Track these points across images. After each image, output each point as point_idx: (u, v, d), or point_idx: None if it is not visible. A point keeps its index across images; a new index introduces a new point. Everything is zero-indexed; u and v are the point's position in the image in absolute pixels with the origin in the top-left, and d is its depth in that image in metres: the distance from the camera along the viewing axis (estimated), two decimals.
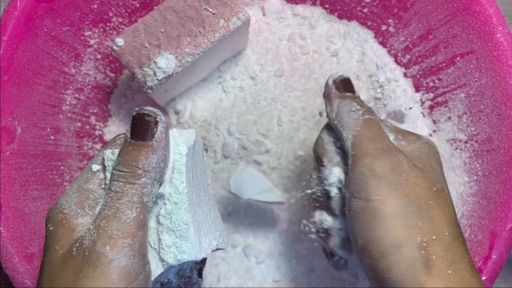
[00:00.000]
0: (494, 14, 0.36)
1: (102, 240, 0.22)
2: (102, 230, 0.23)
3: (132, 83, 0.45)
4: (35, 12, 0.36)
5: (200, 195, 0.28)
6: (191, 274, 0.28)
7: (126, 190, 0.23)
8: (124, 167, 0.24)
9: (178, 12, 0.35)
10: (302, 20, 0.44)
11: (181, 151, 0.26)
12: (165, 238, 0.25)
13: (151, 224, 0.25)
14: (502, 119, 0.37)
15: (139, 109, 0.24)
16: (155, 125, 0.24)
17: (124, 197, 0.23)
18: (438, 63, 0.41)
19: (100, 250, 0.22)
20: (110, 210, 0.23)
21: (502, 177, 0.37)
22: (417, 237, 0.25)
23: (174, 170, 0.25)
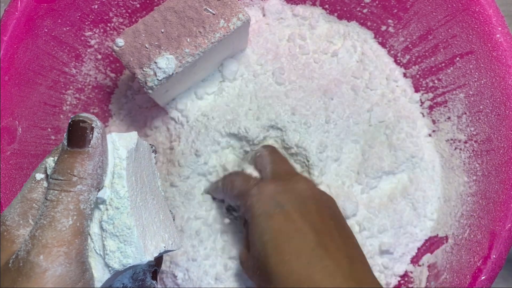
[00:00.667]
0: (494, 14, 0.36)
1: (36, 250, 0.22)
2: (36, 239, 0.22)
3: (132, 83, 0.45)
4: (35, 13, 0.36)
5: (146, 198, 0.28)
6: (144, 277, 0.29)
7: (62, 198, 0.23)
8: (59, 175, 0.23)
9: (178, 13, 0.35)
10: (302, 20, 0.44)
11: (121, 155, 0.26)
12: (109, 244, 0.25)
13: (95, 230, 0.25)
14: (502, 119, 0.37)
15: (74, 116, 0.24)
16: (91, 131, 0.24)
17: (59, 205, 0.23)
18: (437, 63, 0.41)
19: (34, 260, 0.22)
20: (46, 219, 0.23)
21: (502, 177, 0.37)
22: None
23: (115, 174, 0.25)
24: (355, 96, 0.43)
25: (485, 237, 0.36)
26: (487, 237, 0.36)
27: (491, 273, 0.35)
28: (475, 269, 0.36)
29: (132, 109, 0.45)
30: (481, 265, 0.36)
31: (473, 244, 0.37)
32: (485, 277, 0.35)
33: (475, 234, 0.37)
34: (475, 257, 0.36)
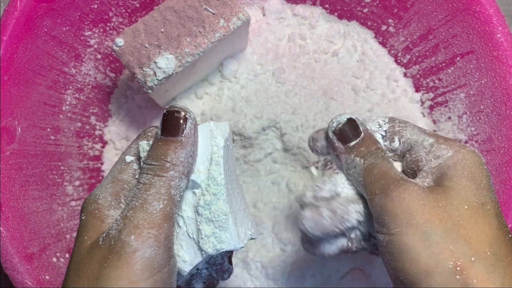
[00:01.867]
0: (494, 14, 0.36)
1: (127, 230, 0.23)
2: (128, 220, 0.23)
3: (132, 83, 0.45)
4: (35, 12, 0.36)
5: (233, 186, 0.28)
6: (222, 261, 0.29)
7: (154, 182, 0.24)
8: (153, 160, 0.24)
9: (178, 12, 0.35)
10: (302, 20, 0.44)
11: (218, 143, 0.26)
12: (204, 228, 0.25)
13: (189, 214, 0.26)
14: (502, 119, 0.37)
15: (169, 107, 0.25)
16: (185, 121, 0.25)
17: (151, 188, 0.24)
18: (438, 63, 0.41)
19: (125, 239, 0.23)
20: (138, 201, 0.24)
21: (502, 177, 0.37)
22: (449, 262, 0.23)
23: (212, 162, 0.26)
24: (356, 96, 0.43)
25: None
26: None
27: None
28: None
29: (132, 109, 0.45)
30: None
31: None
32: None
33: None
34: None
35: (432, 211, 0.24)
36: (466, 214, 0.24)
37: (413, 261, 0.24)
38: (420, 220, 0.24)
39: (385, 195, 0.25)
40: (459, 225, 0.24)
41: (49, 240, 0.38)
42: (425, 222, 0.24)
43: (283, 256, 0.42)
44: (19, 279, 0.35)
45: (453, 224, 0.24)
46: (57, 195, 0.40)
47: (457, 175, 0.26)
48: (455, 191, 0.25)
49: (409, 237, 0.24)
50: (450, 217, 0.24)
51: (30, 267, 0.35)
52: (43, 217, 0.38)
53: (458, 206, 0.25)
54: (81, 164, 0.43)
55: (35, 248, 0.37)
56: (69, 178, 0.42)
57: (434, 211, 0.24)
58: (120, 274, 0.22)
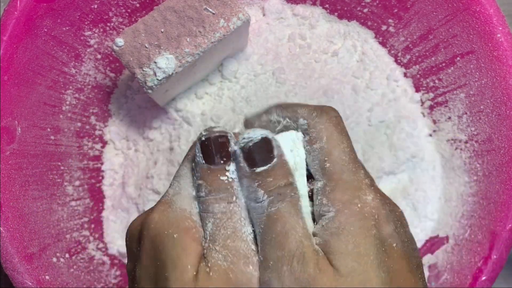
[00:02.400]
0: (494, 14, 0.36)
1: (242, 261, 0.21)
2: (234, 250, 0.22)
3: (132, 83, 0.45)
4: (35, 12, 0.36)
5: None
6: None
7: (232, 209, 0.23)
8: (219, 193, 0.23)
9: (178, 12, 0.35)
10: (302, 20, 0.44)
11: (301, 154, 0.25)
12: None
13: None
14: (502, 119, 0.37)
15: (207, 133, 0.23)
16: (228, 144, 0.23)
17: (234, 216, 0.22)
18: (438, 63, 0.41)
19: (245, 270, 0.21)
20: (228, 230, 0.22)
21: (502, 177, 0.37)
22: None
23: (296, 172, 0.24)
24: (356, 96, 0.43)
25: (486, 237, 0.36)
26: (487, 238, 0.36)
27: (491, 274, 0.35)
28: (476, 270, 0.36)
29: (132, 109, 0.45)
30: (482, 266, 0.36)
31: (473, 245, 0.37)
32: (485, 277, 0.35)
33: (475, 235, 0.37)
34: (475, 258, 0.36)
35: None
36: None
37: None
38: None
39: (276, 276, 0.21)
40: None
41: (49, 240, 0.38)
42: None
43: None
44: (19, 279, 0.35)
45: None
46: (57, 195, 0.40)
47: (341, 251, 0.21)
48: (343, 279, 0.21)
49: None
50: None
51: (30, 267, 0.35)
52: (43, 217, 0.38)
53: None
54: (81, 164, 0.43)
55: (35, 248, 0.37)
56: (69, 178, 0.42)
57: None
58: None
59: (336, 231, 0.22)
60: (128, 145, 0.45)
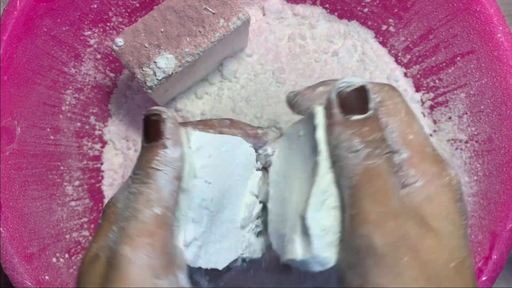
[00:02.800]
0: (495, 14, 0.36)
1: (122, 240, 0.22)
2: (122, 230, 0.22)
3: (132, 83, 0.45)
4: (34, 12, 0.36)
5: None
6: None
7: (142, 190, 0.23)
8: (138, 169, 0.23)
9: (178, 12, 0.35)
10: (302, 20, 0.44)
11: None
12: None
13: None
14: (503, 119, 0.37)
15: (146, 111, 0.24)
16: (163, 123, 0.24)
17: (140, 196, 0.23)
18: (438, 63, 0.41)
19: (120, 252, 0.22)
20: (129, 211, 0.23)
21: (503, 177, 0.37)
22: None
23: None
24: None
25: (486, 237, 0.36)
26: (488, 238, 0.36)
27: (492, 274, 0.35)
28: (476, 270, 0.36)
29: (132, 109, 0.45)
30: (482, 266, 0.36)
31: (474, 245, 0.37)
32: (486, 277, 0.35)
33: (476, 235, 0.37)
34: (476, 258, 0.36)
35: (422, 267, 0.20)
36: (450, 275, 0.21)
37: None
38: (408, 278, 0.20)
39: (380, 231, 0.20)
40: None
41: (49, 240, 0.38)
42: (412, 281, 0.20)
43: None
44: (18, 279, 0.35)
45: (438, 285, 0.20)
46: (56, 195, 0.40)
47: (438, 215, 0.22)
48: (445, 240, 0.21)
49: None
50: (438, 278, 0.20)
51: (30, 267, 0.35)
52: (43, 217, 0.38)
53: (447, 262, 0.21)
54: (81, 164, 0.43)
55: (34, 248, 0.36)
56: (68, 178, 0.42)
57: (424, 268, 0.20)
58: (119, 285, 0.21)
59: (428, 198, 0.22)
60: (128, 145, 0.45)
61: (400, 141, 0.23)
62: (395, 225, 0.20)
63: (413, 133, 0.23)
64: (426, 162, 0.23)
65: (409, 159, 0.23)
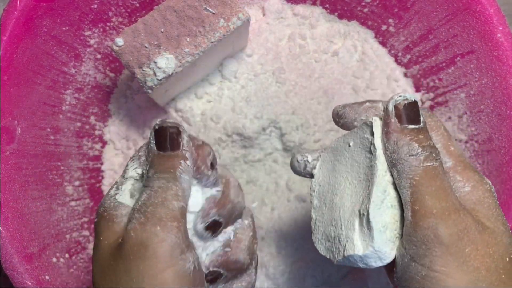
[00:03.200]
0: (495, 14, 0.36)
1: (152, 222, 0.24)
2: (150, 214, 0.24)
3: (132, 83, 0.45)
4: (35, 12, 0.36)
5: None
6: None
7: (171, 186, 0.26)
8: (163, 173, 0.26)
9: (178, 12, 0.35)
10: (302, 20, 0.44)
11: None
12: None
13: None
14: (503, 119, 0.37)
15: (160, 122, 0.27)
16: (179, 136, 0.27)
17: (169, 190, 0.25)
18: (438, 63, 0.41)
19: (151, 230, 0.24)
20: (157, 199, 0.25)
21: (503, 177, 0.37)
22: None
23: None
24: (356, 96, 0.43)
25: None
26: None
27: None
28: None
29: (132, 109, 0.45)
30: None
31: None
32: None
33: None
34: None
35: (482, 259, 0.23)
36: (507, 267, 0.23)
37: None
38: (471, 267, 0.22)
39: (444, 223, 0.23)
40: (501, 280, 0.23)
41: (49, 240, 0.38)
42: (474, 270, 0.23)
43: (283, 255, 0.42)
44: (19, 279, 0.35)
45: (497, 279, 0.23)
46: (57, 195, 0.40)
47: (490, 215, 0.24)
48: (500, 237, 0.24)
49: (453, 282, 0.22)
50: (496, 269, 0.23)
51: (30, 267, 0.35)
52: (43, 217, 0.38)
53: (503, 256, 0.23)
54: (81, 164, 0.43)
55: (35, 248, 0.36)
56: (68, 178, 0.42)
57: (484, 260, 0.23)
58: (150, 263, 0.24)
59: (479, 201, 0.25)
60: (128, 145, 0.45)
61: (444, 152, 0.26)
62: (457, 218, 0.23)
63: (453, 145, 0.26)
64: (469, 170, 0.26)
65: (454, 167, 0.26)
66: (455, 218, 0.23)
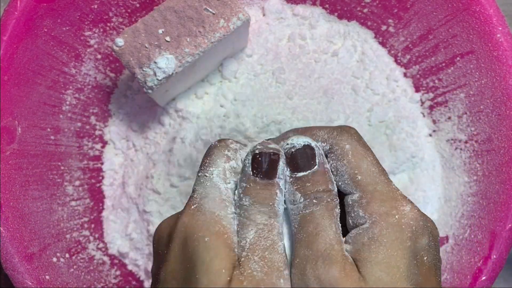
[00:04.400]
0: (494, 14, 0.36)
1: (275, 274, 0.22)
2: (269, 262, 0.22)
3: (132, 83, 0.45)
4: (35, 12, 0.36)
5: None
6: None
7: (273, 223, 0.23)
8: (261, 206, 0.24)
9: (178, 12, 0.35)
10: (302, 20, 0.44)
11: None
12: None
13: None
14: (502, 119, 0.37)
15: (262, 147, 0.24)
16: (278, 162, 0.24)
17: (274, 229, 0.23)
18: (438, 63, 0.41)
19: (276, 283, 0.21)
20: (267, 242, 0.23)
21: (502, 177, 0.37)
22: None
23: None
24: (356, 96, 0.43)
25: (486, 237, 0.36)
26: (487, 237, 0.36)
27: (491, 273, 0.35)
28: (476, 270, 0.36)
29: (132, 109, 0.45)
30: (482, 266, 0.36)
31: (473, 245, 0.37)
32: (485, 277, 0.35)
33: (475, 234, 0.37)
34: (475, 257, 0.36)
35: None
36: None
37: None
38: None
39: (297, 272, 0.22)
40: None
41: (49, 240, 0.38)
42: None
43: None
44: (19, 279, 0.35)
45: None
46: (57, 195, 0.40)
47: (370, 260, 0.22)
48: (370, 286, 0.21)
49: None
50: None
51: (30, 267, 0.35)
52: (43, 217, 0.38)
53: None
54: (81, 164, 0.43)
55: (35, 248, 0.37)
56: (69, 178, 0.42)
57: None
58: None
59: (368, 242, 0.22)
60: (128, 145, 0.45)
61: (351, 183, 0.24)
62: (313, 267, 0.21)
63: (360, 173, 0.24)
64: (374, 202, 0.23)
65: (359, 200, 0.24)
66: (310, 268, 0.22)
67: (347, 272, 0.21)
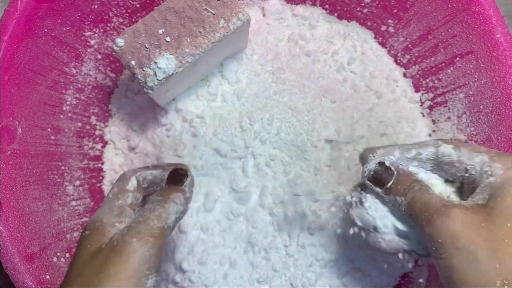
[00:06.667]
0: (494, 14, 0.36)
1: (130, 234, 0.28)
2: (132, 228, 0.28)
3: (132, 83, 0.45)
4: (35, 13, 0.36)
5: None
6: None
7: (157, 208, 0.30)
8: (160, 196, 0.31)
9: (178, 13, 0.35)
10: (302, 20, 0.44)
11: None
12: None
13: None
14: (502, 119, 0.37)
15: (176, 167, 0.33)
16: (185, 177, 0.33)
17: (154, 212, 0.30)
18: (437, 63, 0.41)
19: (127, 241, 0.27)
20: (142, 218, 0.29)
21: None
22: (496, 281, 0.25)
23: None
24: (355, 95, 0.43)
25: None
26: None
27: None
28: None
29: (132, 109, 0.45)
30: None
31: None
32: None
33: None
34: None
35: (476, 232, 0.26)
36: (510, 232, 0.25)
37: (463, 282, 0.25)
38: (466, 242, 0.26)
39: (431, 225, 0.27)
40: (504, 244, 0.25)
41: (50, 240, 0.38)
42: (471, 244, 0.25)
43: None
44: (19, 279, 0.35)
45: (498, 243, 0.25)
46: (57, 195, 0.40)
47: (503, 194, 0.27)
48: (498, 210, 0.26)
49: (456, 260, 0.26)
50: (495, 236, 0.25)
51: (31, 266, 0.35)
52: (44, 217, 0.39)
53: (501, 224, 0.26)
54: (82, 164, 0.43)
55: (35, 248, 0.37)
56: (69, 178, 0.42)
57: (478, 233, 0.26)
58: (119, 269, 0.26)
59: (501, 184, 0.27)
60: (128, 145, 0.45)
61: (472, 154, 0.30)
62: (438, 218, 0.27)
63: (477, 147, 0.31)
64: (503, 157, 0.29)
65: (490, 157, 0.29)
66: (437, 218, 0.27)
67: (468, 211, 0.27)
